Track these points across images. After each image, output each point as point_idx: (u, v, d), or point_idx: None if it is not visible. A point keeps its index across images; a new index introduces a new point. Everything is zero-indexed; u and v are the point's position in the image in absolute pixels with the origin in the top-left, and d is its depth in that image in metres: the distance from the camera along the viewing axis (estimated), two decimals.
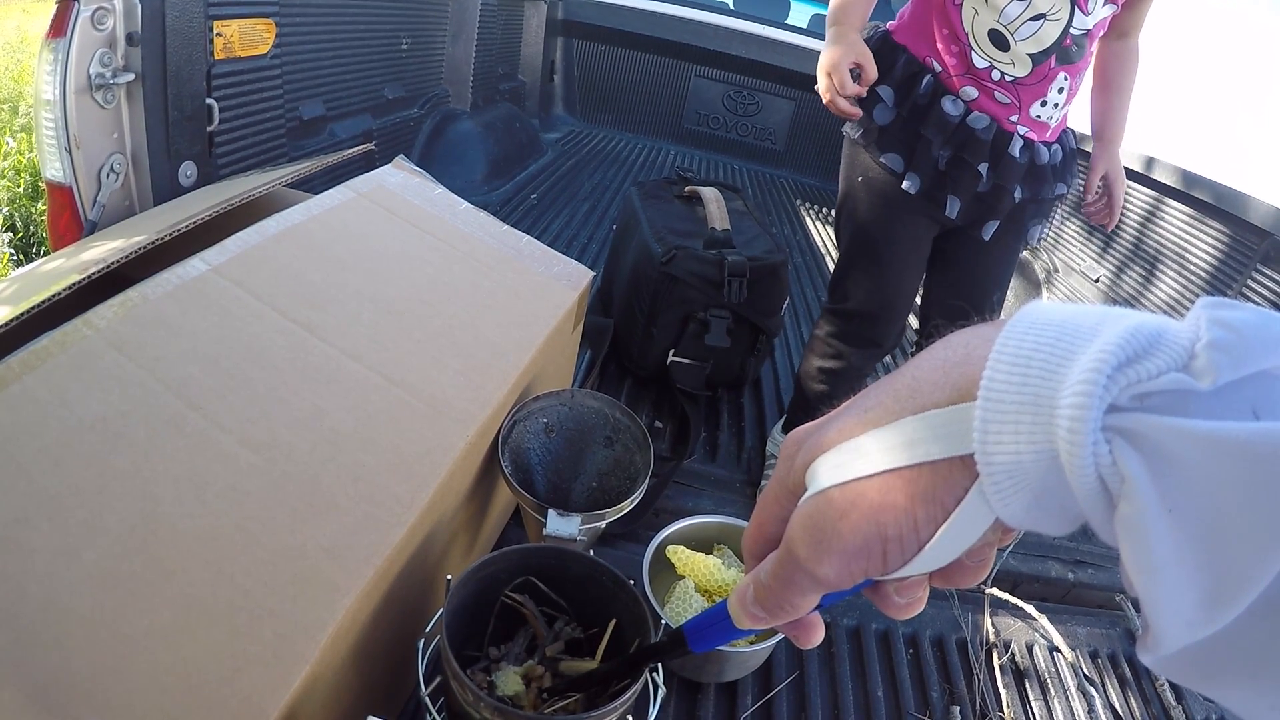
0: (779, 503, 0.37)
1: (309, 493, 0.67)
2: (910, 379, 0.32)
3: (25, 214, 2.72)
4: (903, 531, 0.30)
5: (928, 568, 0.32)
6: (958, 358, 0.30)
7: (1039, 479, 0.26)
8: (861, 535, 0.31)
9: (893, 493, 0.30)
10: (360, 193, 1.09)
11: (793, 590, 0.35)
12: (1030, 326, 0.28)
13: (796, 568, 0.34)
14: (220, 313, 0.79)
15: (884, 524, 0.30)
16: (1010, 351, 0.27)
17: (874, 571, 0.32)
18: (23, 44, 5.14)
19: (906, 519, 0.30)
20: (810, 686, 1.09)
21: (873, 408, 0.33)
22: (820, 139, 3.97)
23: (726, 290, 1.51)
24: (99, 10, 1.18)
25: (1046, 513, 0.27)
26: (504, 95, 3.23)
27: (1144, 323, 0.26)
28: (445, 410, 0.82)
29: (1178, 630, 0.25)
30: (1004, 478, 0.27)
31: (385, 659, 0.75)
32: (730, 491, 1.46)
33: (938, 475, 0.29)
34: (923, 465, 0.29)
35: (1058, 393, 0.25)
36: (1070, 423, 0.25)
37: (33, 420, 0.62)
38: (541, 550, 0.82)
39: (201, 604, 0.57)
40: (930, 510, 0.30)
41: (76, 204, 1.24)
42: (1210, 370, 0.24)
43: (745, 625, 0.39)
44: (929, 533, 0.30)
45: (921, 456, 0.29)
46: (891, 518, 0.30)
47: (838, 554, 0.32)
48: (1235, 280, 1.77)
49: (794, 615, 0.36)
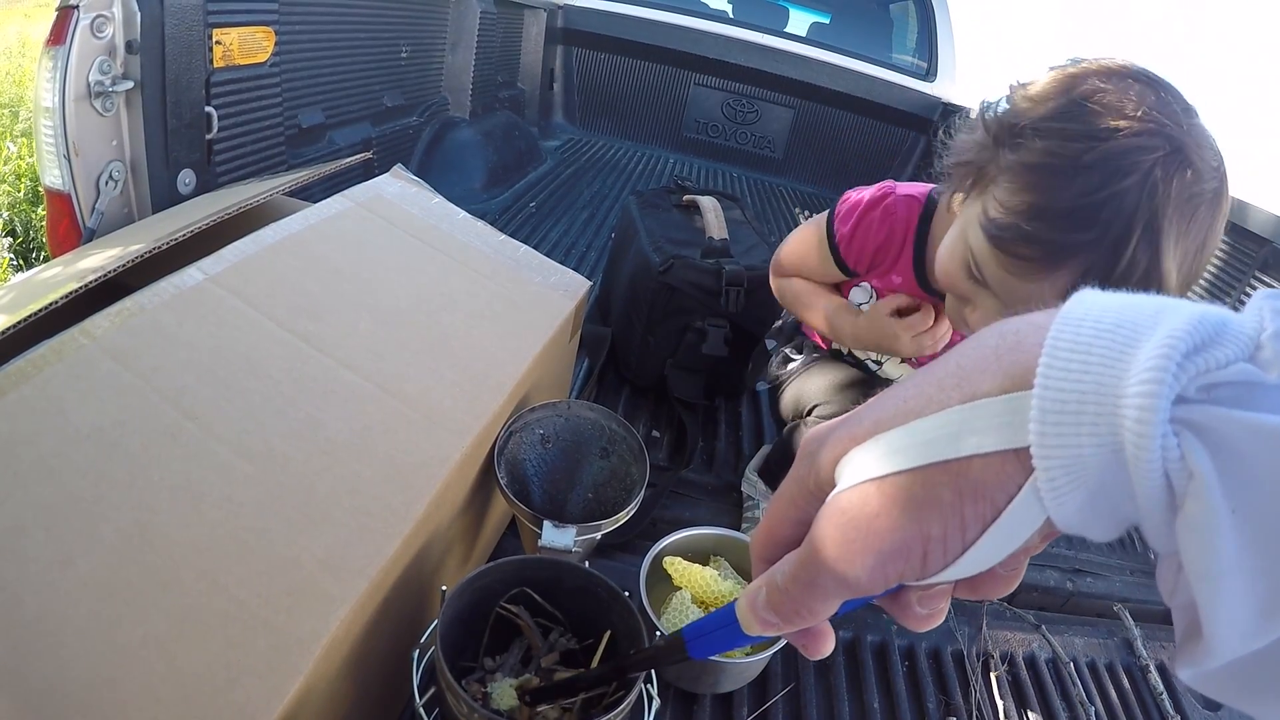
0: (796, 504, 0.34)
1: (304, 503, 0.67)
2: (955, 365, 0.29)
3: (25, 219, 2.72)
4: (947, 530, 0.28)
5: (969, 571, 0.29)
6: (1009, 344, 0.28)
7: (1097, 475, 0.24)
8: (901, 534, 0.28)
9: (938, 487, 0.27)
10: (358, 202, 1.09)
11: (814, 594, 0.32)
12: (1087, 312, 0.26)
13: (822, 569, 0.31)
14: (217, 322, 0.79)
15: (927, 522, 0.28)
16: (1068, 338, 0.25)
17: (910, 575, 0.29)
18: (24, 49, 5.15)
19: (953, 516, 0.27)
20: (806, 698, 1.09)
21: (912, 396, 0.30)
22: (819, 147, 3.98)
23: (724, 299, 1.51)
24: (99, 18, 1.18)
25: (1097, 514, 0.25)
26: (503, 103, 3.23)
27: (1207, 311, 0.24)
28: (441, 421, 0.82)
29: (1232, 641, 0.23)
30: (1061, 473, 0.25)
31: (380, 670, 0.75)
32: (728, 502, 1.46)
33: (988, 469, 0.27)
34: (972, 458, 0.27)
35: (1122, 381, 0.24)
36: (1138, 412, 0.23)
37: (29, 429, 0.62)
38: (537, 562, 0.82)
39: (196, 614, 0.57)
40: (979, 508, 0.27)
41: (75, 211, 1.24)
42: (1277, 362, 0.23)
43: (754, 631, 0.37)
44: (975, 532, 0.28)
45: (971, 449, 0.27)
46: (936, 515, 0.27)
47: (873, 554, 0.29)
48: (1234, 287, 1.78)
49: (809, 622, 0.34)
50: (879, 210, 1.10)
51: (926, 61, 3.92)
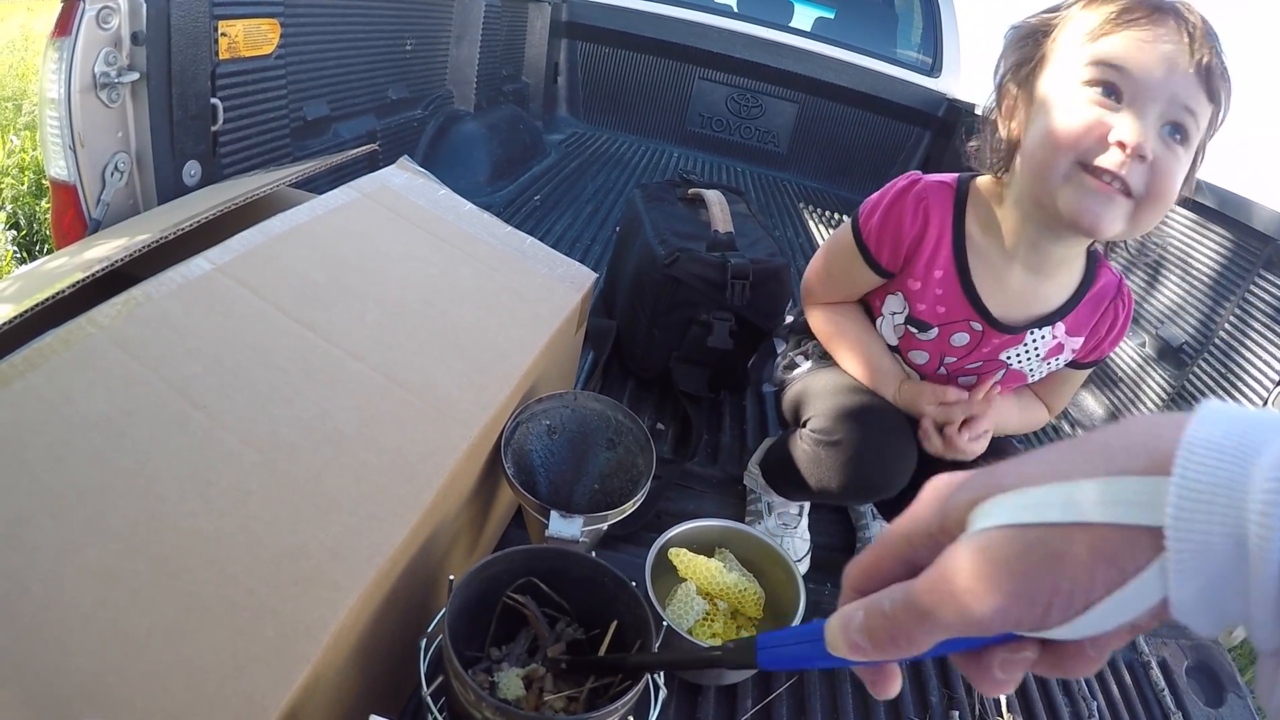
0: (911, 542, 0.36)
1: (312, 493, 0.67)
2: (1101, 444, 0.31)
3: (29, 211, 2.72)
4: (1076, 587, 0.30)
5: (1080, 633, 0.31)
6: (1152, 434, 0.30)
7: (1218, 565, 0.27)
8: (1035, 580, 0.30)
9: (1077, 545, 0.29)
10: (364, 193, 1.09)
11: (924, 625, 0.33)
12: (1219, 418, 0.28)
13: (944, 601, 0.32)
14: (224, 312, 0.79)
15: (1060, 574, 0.30)
16: (1203, 436, 0.28)
17: (1028, 624, 0.31)
18: (27, 42, 5.15)
19: (1084, 575, 0.29)
20: (810, 690, 1.09)
21: (1058, 462, 0.32)
22: (823, 142, 3.97)
23: (729, 293, 1.51)
24: (104, 9, 1.18)
25: (1208, 604, 0.27)
26: (508, 97, 3.23)
27: None
28: (448, 411, 0.82)
29: None
30: (1189, 557, 0.27)
31: (387, 659, 0.75)
32: (732, 494, 1.46)
33: (1125, 540, 0.29)
34: (1112, 526, 0.29)
35: (1250, 478, 0.26)
36: (1263, 506, 0.25)
37: (36, 418, 0.62)
38: (543, 552, 0.82)
39: (204, 603, 0.57)
40: (1108, 573, 0.29)
41: (80, 202, 1.24)
42: None
43: (840, 653, 0.37)
44: (1099, 595, 0.29)
45: (1114, 517, 0.29)
46: (1070, 570, 0.29)
47: (1003, 594, 0.30)
48: (1239, 286, 1.77)
49: (905, 653, 0.35)
50: (910, 196, 1.05)
51: (931, 57, 3.91)
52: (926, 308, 1.07)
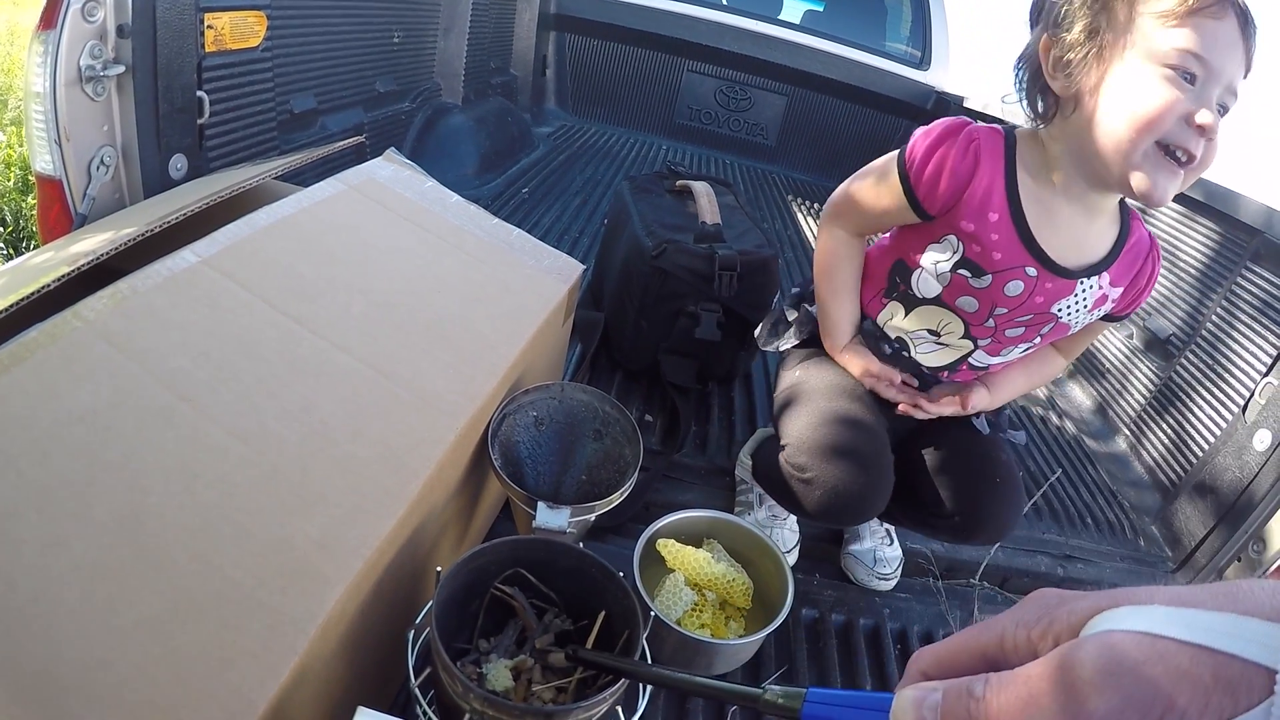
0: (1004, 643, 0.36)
1: (299, 485, 0.67)
2: (1227, 586, 0.33)
3: (15, 208, 2.71)
4: (1190, 706, 0.30)
5: None
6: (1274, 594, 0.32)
7: None
8: (1155, 689, 0.31)
9: (1201, 667, 0.31)
10: (351, 185, 1.09)
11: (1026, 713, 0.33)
12: None
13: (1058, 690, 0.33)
14: (210, 305, 0.79)
15: (1179, 690, 0.31)
16: None
17: None
18: (12, 38, 5.10)
19: (1202, 697, 0.30)
20: (799, 681, 1.10)
21: (1190, 593, 0.33)
22: (812, 135, 3.98)
23: (717, 284, 1.51)
24: (89, 3, 1.17)
25: None
26: (496, 89, 3.22)
27: None
28: (435, 403, 0.82)
29: None
30: None
31: (375, 651, 0.75)
32: (720, 485, 1.46)
33: (1245, 673, 0.30)
34: (1236, 658, 0.30)
35: None
36: None
37: (22, 412, 0.62)
38: (531, 543, 0.83)
39: (191, 596, 0.57)
40: (1223, 700, 0.30)
41: (66, 197, 1.24)
42: None
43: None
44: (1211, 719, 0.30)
45: (1239, 650, 0.30)
46: (1189, 689, 0.30)
47: (1124, 696, 0.31)
48: (1226, 278, 1.78)
49: None
50: (961, 137, 1.05)
51: (920, 50, 3.92)
52: (982, 250, 1.06)
